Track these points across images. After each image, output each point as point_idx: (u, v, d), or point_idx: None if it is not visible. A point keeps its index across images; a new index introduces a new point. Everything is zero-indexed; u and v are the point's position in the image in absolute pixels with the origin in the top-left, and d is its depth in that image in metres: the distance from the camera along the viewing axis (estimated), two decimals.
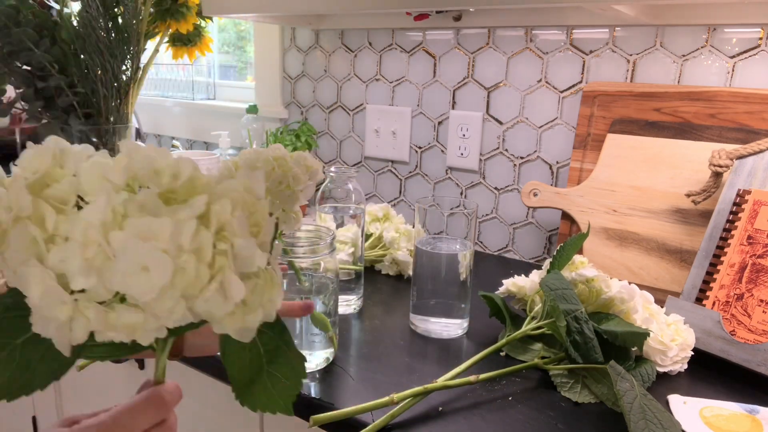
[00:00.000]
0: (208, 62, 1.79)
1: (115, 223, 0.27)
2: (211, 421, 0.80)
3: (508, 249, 1.17)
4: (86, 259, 0.27)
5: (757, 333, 0.69)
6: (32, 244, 0.27)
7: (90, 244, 0.27)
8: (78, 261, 0.27)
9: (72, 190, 0.29)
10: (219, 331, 0.30)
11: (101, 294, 0.27)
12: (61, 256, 0.27)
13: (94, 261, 0.27)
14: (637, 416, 0.55)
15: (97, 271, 0.27)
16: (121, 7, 0.95)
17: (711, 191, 0.82)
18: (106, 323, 0.28)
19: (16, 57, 0.91)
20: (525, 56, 1.09)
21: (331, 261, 0.69)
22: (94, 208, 0.27)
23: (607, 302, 0.70)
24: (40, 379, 0.32)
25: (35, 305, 0.27)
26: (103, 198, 0.27)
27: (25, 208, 0.28)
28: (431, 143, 1.24)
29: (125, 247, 0.26)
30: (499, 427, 0.59)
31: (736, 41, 0.90)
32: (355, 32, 1.30)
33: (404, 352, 0.74)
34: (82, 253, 0.27)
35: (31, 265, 0.27)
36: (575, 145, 1.02)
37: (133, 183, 0.29)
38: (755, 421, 0.61)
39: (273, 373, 0.36)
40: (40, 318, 0.27)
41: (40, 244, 0.27)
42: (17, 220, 0.28)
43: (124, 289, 0.27)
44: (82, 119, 0.96)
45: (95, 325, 0.27)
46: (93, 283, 0.27)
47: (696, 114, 0.91)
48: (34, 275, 0.27)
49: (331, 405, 0.62)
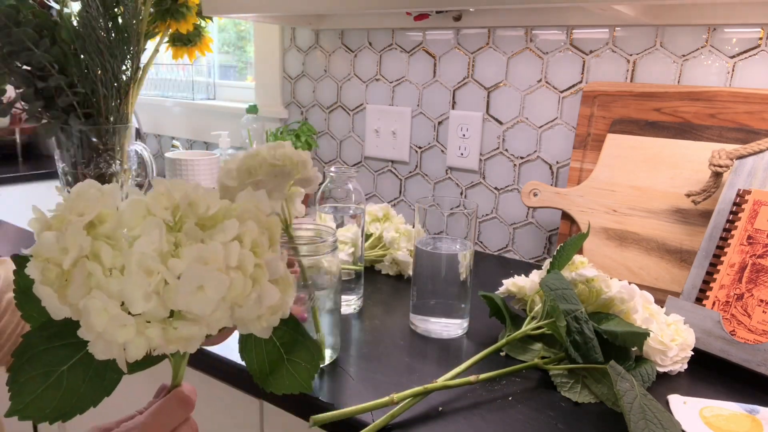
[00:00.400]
0: (208, 62, 1.79)
1: (169, 252, 0.32)
2: (212, 421, 0.80)
3: (508, 249, 1.17)
4: (147, 285, 0.31)
5: (757, 333, 0.69)
6: (89, 279, 0.31)
7: (150, 272, 0.31)
8: (139, 288, 0.30)
9: (118, 227, 0.33)
10: (244, 332, 0.35)
11: (159, 314, 0.31)
12: (120, 286, 0.31)
13: (157, 287, 0.31)
14: (637, 416, 0.55)
15: (157, 296, 0.31)
16: (121, 7, 0.95)
17: (711, 191, 0.82)
18: (166, 339, 0.32)
19: (16, 57, 0.90)
20: (525, 56, 1.09)
21: (333, 260, 0.69)
22: (147, 241, 0.31)
23: (607, 302, 0.70)
24: (88, 399, 0.36)
25: (98, 332, 0.31)
26: (156, 231, 0.31)
27: (85, 248, 0.31)
28: (431, 143, 1.24)
29: (188, 271, 0.31)
30: (499, 427, 0.59)
31: (736, 41, 0.90)
32: (355, 32, 1.30)
33: (404, 352, 0.74)
34: (142, 281, 0.31)
35: (94, 297, 0.31)
36: (575, 145, 1.02)
37: (172, 215, 0.34)
38: (755, 421, 0.61)
39: (293, 360, 0.42)
40: (103, 342, 0.31)
41: (99, 278, 0.31)
42: (78, 259, 0.31)
43: (185, 308, 0.31)
44: (82, 119, 0.96)
45: (156, 342, 0.31)
46: (153, 306, 0.31)
47: (696, 114, 0.91)
48: (96, 306, 0.30)
49: (331, 405, 0.62)
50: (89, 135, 0.97)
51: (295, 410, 0.66)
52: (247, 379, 0.66)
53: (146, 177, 1.15)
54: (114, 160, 1.00)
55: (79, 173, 0.99)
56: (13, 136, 2.05)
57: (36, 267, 0.32)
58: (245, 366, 0.42)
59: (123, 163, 1.02)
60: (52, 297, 0.31)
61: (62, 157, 1.00)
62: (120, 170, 1.01)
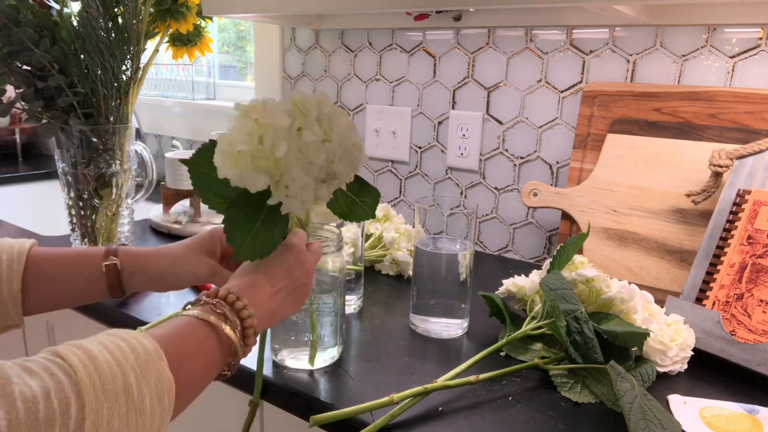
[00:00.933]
0: (208, 62, 1.79)
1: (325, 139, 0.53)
2: (212, 421, 0.80)
3: (508, 249, 1.17)
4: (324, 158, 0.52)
5: (757, 333, 0.69)
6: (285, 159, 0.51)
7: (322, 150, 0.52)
8: (320, 161, 0.52)
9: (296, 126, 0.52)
10: (340, 184, 0.56)
11: (320, 177, 0.54)
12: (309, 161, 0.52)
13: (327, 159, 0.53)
14: (637, 416, 0.55)
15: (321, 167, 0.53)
16: (121, 7, 0.95)
17: (711, 191, 0.82)
18: (323, 193, 0.54)
19: (16, 57, 0.90)
20: (525, 56, 1.09)
21: (338, 261, 0.69)
22: (308, 133, 0.51)
23: (607, 302, 0.70)
24: (273, 243, 0.54)
25: (294, 192, 0.51)
26: (314, 127, 0.52)
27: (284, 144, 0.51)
28: (431, 143, 1.24)
29: (337, 147, 0.54)
30: (499, 427, 0.59)
31: (736, 41, 0.90)
32: (355, 32, 1.30)
33: (404, 352, 0.74)
34: (316, 156, 0.52)
35: (295, 167, 0.51)
36: (575, 145, 1.02)
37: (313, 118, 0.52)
38: (755, 421, 0.61)
39: (363, 200, 0.60)
40: (295, 200, 0.52)
41: (298, 158, 0.52)
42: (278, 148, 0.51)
43: (338, 170, 0.54)
44: (82, 119, 0.96)
45: (321, 194, 0.54)
46: (321, 172, 0.53)
47: (696, 114, 0.91)
48: (296, 173, 0.51)
49: (331, 405, 0.62)
50: (89, 135, 0.97)
51: (295, 410, 0.66)
52: (248, 379, 0.66)
53: (146, 177, 1.15)
54: (114, 160, 1.00)
55: (79, 173, 0.99)
56: (13, 136, 2.05)
57: (238, 156, 0.50)
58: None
59: (123, 163, 1.02)
60: (256, 176, 0.50)
61: (62, 157, 1.00)
62: (120, 170, 1.01)
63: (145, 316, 0.82)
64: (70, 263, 0.61)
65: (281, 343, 0.70)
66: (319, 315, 0.68)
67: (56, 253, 0.61)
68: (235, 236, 0.52)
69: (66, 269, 0.61)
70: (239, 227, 0.52)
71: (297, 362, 0.69)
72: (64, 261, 0.61)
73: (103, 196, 1.01)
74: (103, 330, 0.43)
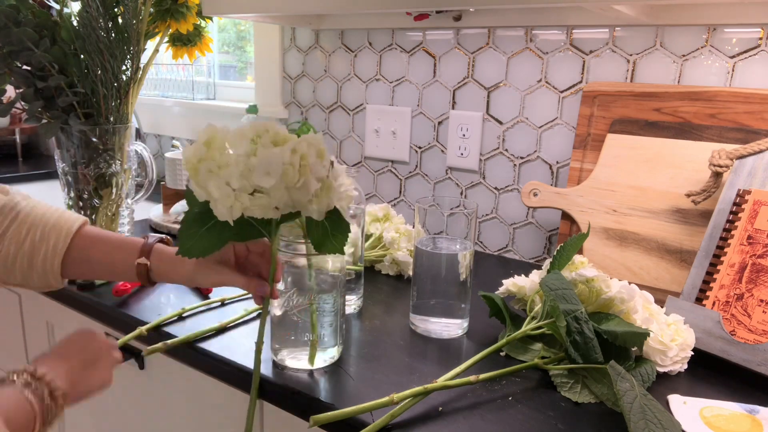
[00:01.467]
0: (208, 62, 1.79)
1: (252, 153, 0.54)
2: (211, 420, 0.80)
3: (508, 249, 1.17)
4: (240, 172, 0.54)
5: (757, 333, 0.69)
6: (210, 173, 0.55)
7: (239, 164, 0.54)
8: (236, 174, 0.54)
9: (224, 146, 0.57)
10: (306, 214, 0.58)
11: (246, 189, 0.54)
12: (226, 174, 0.54)
13: (243, 172, 0.54)
14: (637, 416, 0.55)
15: (244, 178, 0.54)
16: (121, 7, 0.95)
17: (711, 191, 0.82)
18: (251, 204, 0.55)
19: (16, 57, 0.90)
20: (525, 56, 1.09)
21: (338, 259, 0.69)
22: (239, 150, 0.55)
23: (607, 302, 0.70)
24: (216, 246, 0.59)
25: (216, 199, 0.55)
26: (244, 143, 0.56)
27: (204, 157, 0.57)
28: (431, 143, 1.24)
29: (260, 163, 0.54)
30: (499, 427, 0.59)
31: (736, 41, 0.90)
32: (355, 32, 1.30)
33: (404, 352, 0.74)
34: (236, 170, 0.54)
35: (212, 180, 0.55)
36: (575, 145, 1.02)
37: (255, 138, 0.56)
38: (755, 421, 0.61)
39: (336, 235, 0.61)
40: (219, 207, 0.55)
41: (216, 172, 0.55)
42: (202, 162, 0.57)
43: (258, 184, 0.54)
44: (82, 119, 0.96)
45: (246, 204, 0.55)
46: (242, 184, 0.54)
47: (696, 114, 0.91)
48: (214, 185, 0.55)
49: (331, 405, 0.62)
50: (89, 135, 0.97)
51: (295, 410, 0.66)
52: (247, 379, 0.66)
53: (146, 177, 1.15)
54: (114, 160, 1.00)
55: (79, 173, 0.99)
56: (13, 136, 2.05)
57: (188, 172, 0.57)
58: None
59: (123, 163, 1.02)
60: (195, 186, 0.56)
61: (62, 157, 1.00)
62: (120, 170, 1.01)
63: (145, 316, 0.82)
64: (110, 252, 0.70)
65: (281, 343, 0.70)
66: (319, 315, 0.68)
67: (100, 240, 0.70)
68: (181, 234, 0.59)
69: (105, 257, 0.70)
70: (187, 228, 0.60)
71: (297, 362, 0.69)
72: (105, 248, 0.70)
73: (103, 196, 1.01)
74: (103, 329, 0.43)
